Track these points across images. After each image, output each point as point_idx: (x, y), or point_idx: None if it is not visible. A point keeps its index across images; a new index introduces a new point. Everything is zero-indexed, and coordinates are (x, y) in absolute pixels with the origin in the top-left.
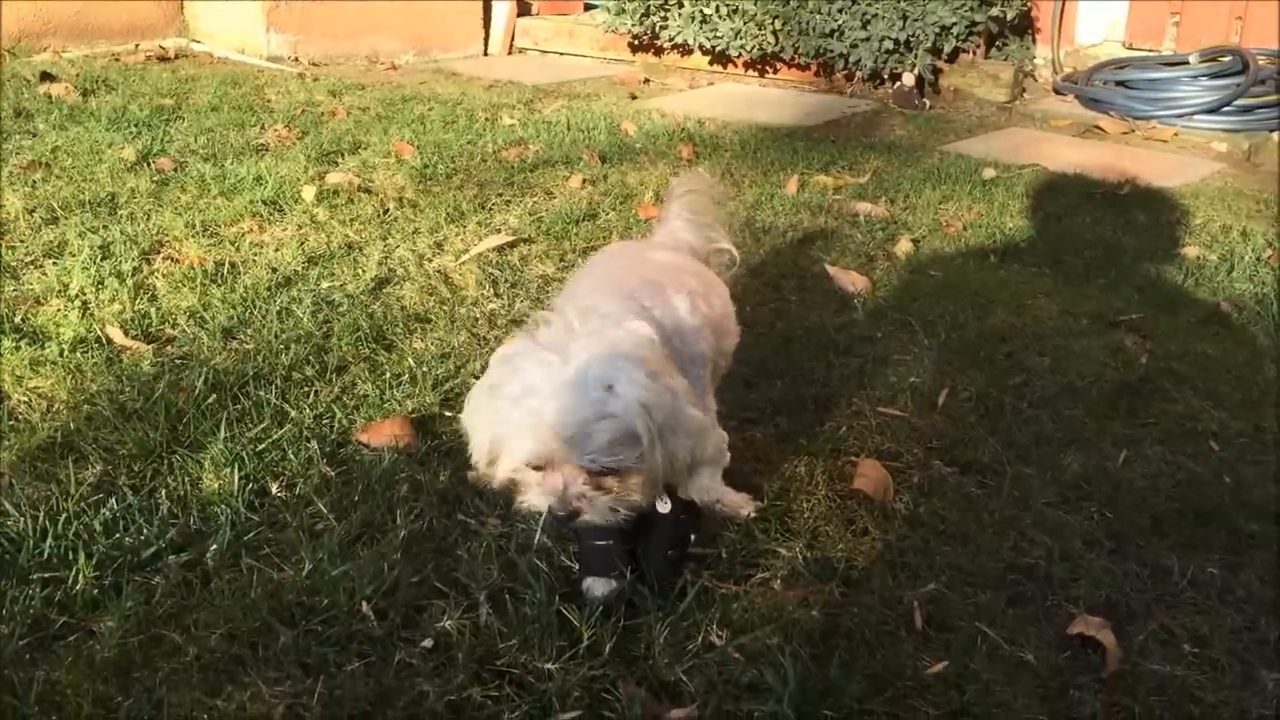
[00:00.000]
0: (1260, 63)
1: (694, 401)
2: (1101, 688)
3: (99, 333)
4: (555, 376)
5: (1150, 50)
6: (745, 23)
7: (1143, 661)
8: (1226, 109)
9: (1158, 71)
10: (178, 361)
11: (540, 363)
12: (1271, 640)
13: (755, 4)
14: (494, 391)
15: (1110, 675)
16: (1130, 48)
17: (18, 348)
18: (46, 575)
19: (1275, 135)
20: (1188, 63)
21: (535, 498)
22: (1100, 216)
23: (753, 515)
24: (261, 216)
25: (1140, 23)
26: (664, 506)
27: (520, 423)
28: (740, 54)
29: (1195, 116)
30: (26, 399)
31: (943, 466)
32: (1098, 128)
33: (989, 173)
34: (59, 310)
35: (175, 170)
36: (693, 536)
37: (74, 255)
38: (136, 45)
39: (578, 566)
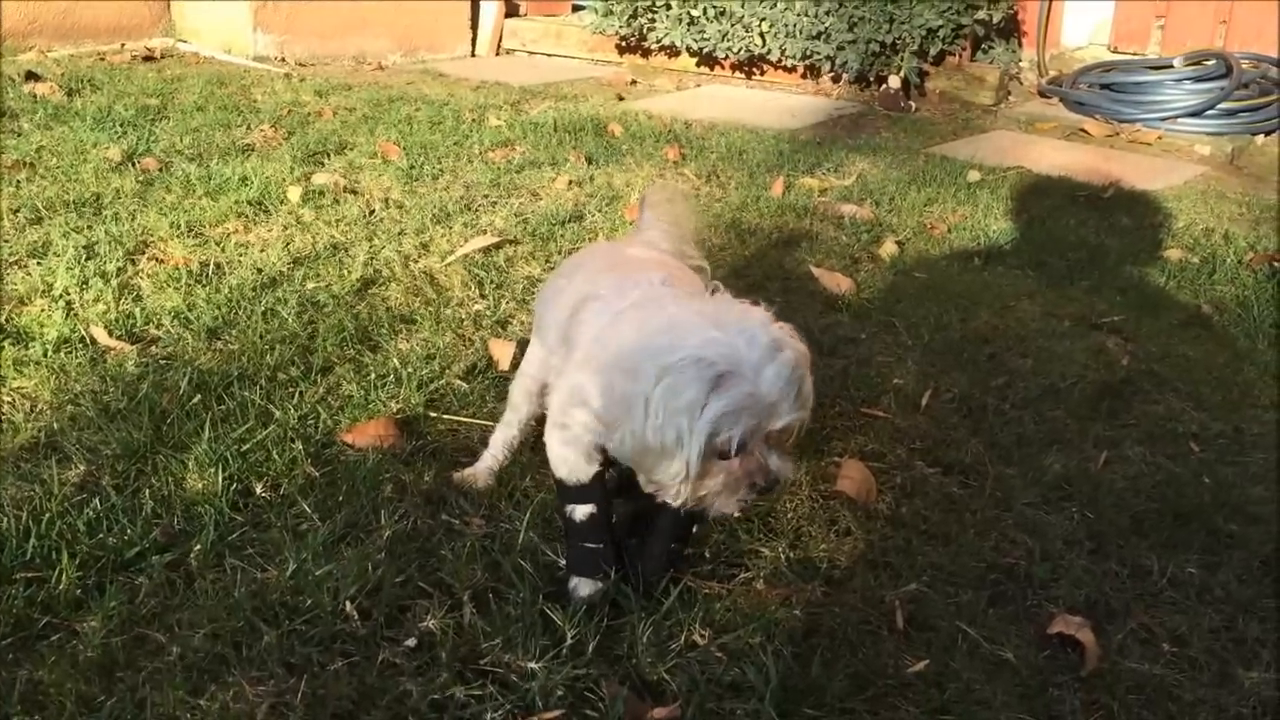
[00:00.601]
0: (1244, 66)
1: None
2: (1081, 686)
3: (83, 333)
4: (747, 355)
5: (1135, 53)
6: (732, 25)
7: (1122, 660)
8: (1210, 112)
9: (1142, 75)
10: (162, 362)
11: (719, 351)
12: (1249, 639)
13: (743, 6)
14: (687, 405)
15: (1089, 674)
16: (1115, 51)
17: (1, 348)
18: (29, 575)
19: (1259, 138)
20: (1172, 66)
21: (730, 489)
22: (1084, 219)
23: (736, 514)
24: (247, 217)
25: (1125, 26)
26: None
27: (730, 408)
28: (727, 56)
29: (1179, 120)
30: (10, 399)
31: (925, 467)
32: (1082, 131)
33: (974, 175)
34: (43, 310)
35: (160, 170)
36: (695, 528)
37: (58, 255)
38: (122, 45)
39: (564, 563)
